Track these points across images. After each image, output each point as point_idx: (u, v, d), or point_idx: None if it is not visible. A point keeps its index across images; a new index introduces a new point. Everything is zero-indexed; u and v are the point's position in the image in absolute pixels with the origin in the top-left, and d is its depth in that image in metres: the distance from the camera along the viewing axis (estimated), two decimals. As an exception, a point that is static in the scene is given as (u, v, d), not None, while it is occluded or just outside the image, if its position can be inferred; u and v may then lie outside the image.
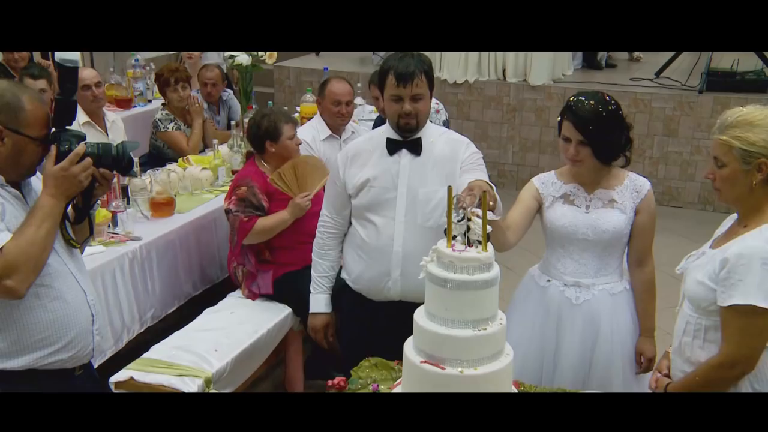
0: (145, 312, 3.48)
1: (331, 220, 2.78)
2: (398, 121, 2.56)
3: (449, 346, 1.89)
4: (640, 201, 2.51)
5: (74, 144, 2.04)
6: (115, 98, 5.70)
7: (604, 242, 2.51)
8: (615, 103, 2.46)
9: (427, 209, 2.60)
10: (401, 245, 2.61)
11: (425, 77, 2.52)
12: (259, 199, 3.43)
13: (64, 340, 2.10)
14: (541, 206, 2.60)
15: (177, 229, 3.68)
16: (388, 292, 2.67)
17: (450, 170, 2.61)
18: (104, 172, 2.10)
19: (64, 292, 2.10)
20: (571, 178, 2.57)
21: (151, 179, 3.88)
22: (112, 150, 2.10)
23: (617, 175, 2.55)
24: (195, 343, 3.16)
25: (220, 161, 4.28)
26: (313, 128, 4.04)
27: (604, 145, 2.43)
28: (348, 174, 2.67)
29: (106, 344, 3.23)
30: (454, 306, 1.89)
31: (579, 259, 2.54)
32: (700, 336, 2.06)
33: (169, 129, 4.74)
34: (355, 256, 2.73)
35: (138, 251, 3.42)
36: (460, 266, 1.89)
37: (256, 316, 3.42)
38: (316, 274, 2.86)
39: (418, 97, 2.53)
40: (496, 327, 1.92)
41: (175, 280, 3.68)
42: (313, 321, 2.90)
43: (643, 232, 2.53)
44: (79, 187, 2.05)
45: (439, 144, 2.64)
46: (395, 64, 2.51)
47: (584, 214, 2.52)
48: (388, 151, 2.62)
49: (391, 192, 2.61)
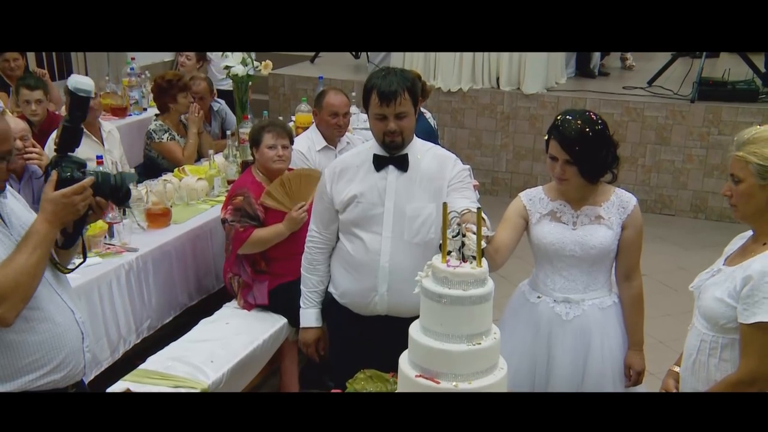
0: (141, 323, 3.50)
1: (318, 235, 2.80)
2: (384, 138, 2.59)
3: (444, 360, 1.92)
4: (627, 216, 2.54)
5: (75, 171, 2.03)
6: (110, 107, 5.70)
7: (592, 258, 2.54)
8: (602, 122, 2.49)
9: (414, 225, 2.63)
10: (388, 260, 2.64)
11: (408, 94, 2.54)
12: (254, 209, 3.46)
13: (55, 361, 2.08)
14: (528, 223, 2.62)
15: (173, 240, 3.69)
16: (374, 306, 2.70)
17: (437, 187, 2.64)
18: (100, 202, 2.08)
19: (53, 313, 2.08)
20: (558, 195, 2.60)
21: (147, 190, 3.89)
22: (111, 180, 2.09)
23: (604, 191, 2.58)
24: (191, 354, 3.18)
25: (215, 171, 4.30)
26: (308, 139, 4.07)
27: (590, 164, 2.46)
28: (335, 189, 2.70)
29: (102, 355, 3.25)
30: (448, 321, 1.92)
31: (567, 275, 2.57)
32: (716, 354, 2.07)
33: (164, 140, 4.75)
34: (342, 270, 2.76)
35: (134, 262, 3.43)
36: (455, 281, 1.92)
37: (252, 327, 3.44)
38: (306, 289, 2.88)
39: (402, 114, 2.56)
40: (490, 341, 1.95)
41: (171, 290, 3.70)
42: (304, 336, 2.93)
43: (629, 248, 2.56)
44: (75, 215, 2.04)
45: (425, 160, 2.66)
46: (378, 83, 2.53)
47: (571, 231, 2.55)
48: (374, 167, 2.65)
49: (378, 208, 2.64)
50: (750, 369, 1.98)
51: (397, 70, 2.58)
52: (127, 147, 4.95)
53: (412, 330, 2.02)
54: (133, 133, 5.42)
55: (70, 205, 2.00)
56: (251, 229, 3.44)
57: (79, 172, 2.04)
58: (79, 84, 2.06)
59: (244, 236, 3.43)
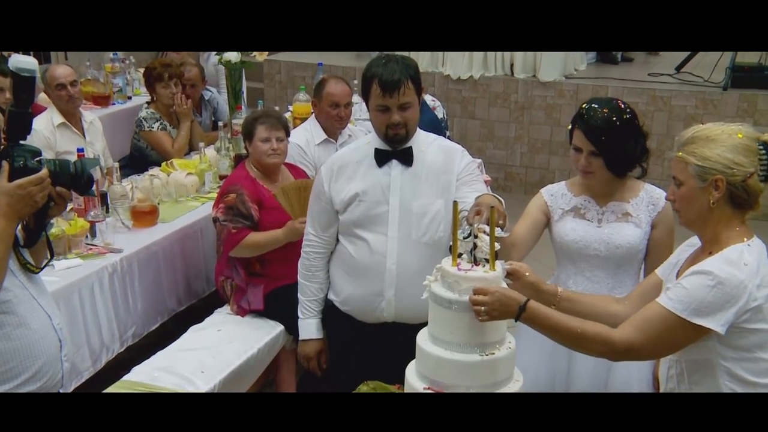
0: (125, 330, 3.50)
1: (317, 239, 2.79)
2: (386, 131, 2.58)
3: (454, 371, 1.92)
4: (657, 214, 2.53)
5: (29, 160, 2.00)
6: (91, 95, 5.69)
7: (618, 258, 2.53)
8: (631, 111, 2.49)
9: (422, 223, 2.63)
10: (395, 263, 2.63)
11: (412, 83, 2.54)
12: (248, 207, 3.46)
13: (31, 370, 2.07)
14: (550, 220, 2.62)
15: (160, 240, 3.69)
16: (381, 313, 2.69)
17: (445, 181, 2.64)
18: (61, 191, 2.06)
19: (28, 318, 2.07)
20: (582, 190, 2.60)
21: (133, 186, 3.89)
22: (70, 167, 2.07)
23: (632, 186, 2.57)
24: (179, 363, 3.18)
25: (206, 166, 4.30)
26: (307, 132, 4.06)
27: (617, 156, 2.46)
28: (334, 188, 2.69)
29: (82, 365, 3.25)
30: (459, 329, 1.93)
31: (591, 276, 2.57)
32: (684, 380, 2.02)
33: (154, 129, 4.76)
34: (343, 275, 2.75)
35: (118, 264, 3.44)
36: (467, 286, 1.92)
37: (246, 334, 3.44)
38: (305, 298, 2.87)
39: (407, 105, 2.55)
40: (504, 351, 1.96)
41: (159, 295, 3.70)
42: (304, 349, 2.92)
43: (660, 248, 2.54)
44: (33, 207, 2.01)
45: (431, 152, 2.66)
46: (379, 72, 2.52)
47: (596, 229, 2.55)
48: (377, 162, 2.64)
49: (382, 206, 2.63)
50: (631, 340, 1.92)
51: (398, 57, 2.57)
52: (110, 139, 4.96)
53: (419, 339, 2.02)
54: (117, 124, 5.41)
55: (27, 196, 1.97)
56: (245, 232, 3.44)
57: (33, 161, 2.00)
58: (20, 64, 1.98)
59: (236, 238, 3.43)
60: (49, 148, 4.29)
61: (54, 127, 4.40)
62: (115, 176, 3.91)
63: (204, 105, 5.37)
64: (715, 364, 1.94)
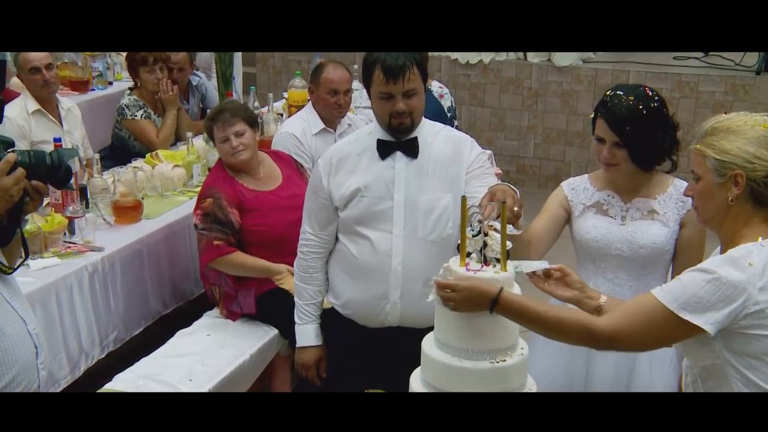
0: (107, 334, 3.51)
1: (315, 238, 2.79)
2: (390, 121, 2.59)
3: (462, 379, 1.94)
4: (686, 212, 2.51)
5: (1, 151, 1.99)
6: (69, 80, 5.71)
7: (642, 259, 2.53)
8: (659, 99, 2.48)
9: (429, 220, 2.63)
10: (400, 262, 2.63)
11: (417, 69, 2.54)
12: (226, 213, 3.42)
13: (5, 379, 2.07)
14: (570, 216, 2.63)
15: (144, 238, 3.70)
16: (385, 317, 2.70)
17: (454, 174, 2.65)
18: (37, 185, 2.04)
19: (1, 323, 2.07)
20: (605, 185, 2.60)
21: (115, 179, 3.91)
22: (46, 159, 2.05)
23: (660, 181, 2.57)
24: (165, 371, 3.20)
25: (194, 157, 4.31)
26: (303, 120, 4.06)
27: (643, 148, 2.45)
28: (333, 183, 2.69)
29: (60, 373, 3.27)
30: (467, 334, 1.94)
31: (613, 278, 2.57)
32: (699, 388, 2.03)
33: (137, 117, 4.77)
34: (344, 276, 2.75)
35: (99, 264, 3.45)
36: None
37: (237, 339, 3.46)
38: (302, 301, 2.88)
39: (412, 92, 2.55)
40: (516, 358, 1.97)
41: (143, 297, 3.71)
42: (302, 356, 2.92)
43: (689, 249, 2.54)
44: (8, 203, 1.99)
45: (437, 143, 2.67)
46: (382, 57, 2.52)
47: (619, 227, 2.55)
48: (379, 154, 2.65)
49: (386, 201, 2.63)
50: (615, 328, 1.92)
51: None
52: (90, 127, 4.96)
53: (425, 344, 2.03)
54: (97, 111, 5.43)
55: (1, 190, 1.96)
56: (229, 249, 3.41)
57: (4, 153, 1.99)
58: None
59: (217, 253, 3.41)
60: (24, 137, 4.30)
61: (28, 115, 4.40)
62: (96, 168, 3.91)
63: (192, 91, 5.37)
64: (726, 371, 1.94)
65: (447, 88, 4.74)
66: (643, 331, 1.92)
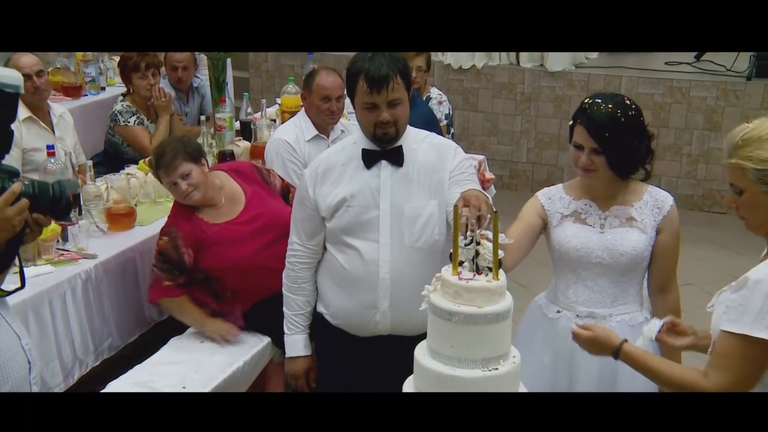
0: (101, 342, 3.52)
1: (302, 248, 2.80)
2: (375, 131, 2.60)
3: (455, 387, 1.94)
4: (662, 218, 2.58)
5: (7, 181, 1.98)
6: (61, 85, 5.70)
7: (622, 266, 2.57)
8: (636, 108, 2.53)
9: (416, 227, 2.65)
10: (388, 271, 2.65)
11: (401, 78, 2.56)
12: (180, 253, 3.34)
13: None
14: (548, 225, 2.66)
15: (138, 245, 3.71)
16: (375, 326, 2.71)
17: (438, 180, 2.66)
18: (38, 218, 2.04)
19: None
20: (582, 193, 2.64)
21: (108, 185, 3.91)
22: (50, 190, 2.04)
23: (636, 189, 2.62)
24: (159, 378, 3.20)
25: (187, 164, 4.31)
26: (296, 127, 4.06)
27: (621, 155, 2.50)
28: (319, 193, 2.70)
29: (53, 381, 3.27)
30: (460, 342, 1.95)
31: (593, 286, 2.61)
32: None
33: (130, 123, 4.78)
34: (333, 286, 2.76)
35: (92, 271, 3.45)
36: (468, 297, 1.94)
37: (231, 347, 3.45)
38: (290, 312, 2.89)
39: (396, 102, 2.57)
40: (508, 366, 1.98)
41: (137, 304, 3.72)
42: (291, 366, 2.94)
43: (666, 254, 2.60)
44: (10, 233, 1.98)
45: (422, 151, 2.69)
46: (365, 66, 2.53)
47: (599, 235, 2.59)
48: (365, 163, 2.66)
49: (372, 210, 2.65)
50: (722, 385, 1.99)
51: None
52: (83, 134, 4.96)
53: (418, 352, 2.05)
54: (90, 117, 5.41)
55: (3, 220, 1.95)
56: (176, 292, 3.38)
57: (10, 182, 1.98)
58: (3, 79, 1.96)
59: (164, 293, 3.38)
60: (15, 145, 4.22)
61: (19, 122, 4.35)
62: (89, 175, 3.91)
63: (192, 93, 5.36)
64: None
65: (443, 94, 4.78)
66: (743, 373, 1.98)
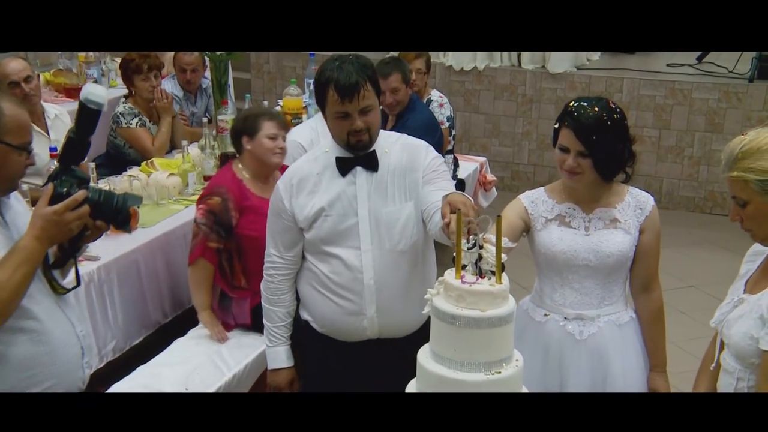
0: (105, 344, 3.53)
1: (281, 260, 2.78)
2: (348, 139, 2.59)
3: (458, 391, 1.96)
4: (645, 219, 2.62)
5: (74, 188, 2.14)
6: (64, 87, 5.73)
7: (608, 268, 2.61)
8: (621, 111, 2.57)
9: (395, 231, 2.65)
10: (372, 277, 2.64)
11: (371, 84, 2.55)
12: (230, 217, 3.44)
13: (52, 379, 2.20)
14: (531, 229, 2.68)
15: (141, 247, 3.73)
16: (363, 332, 2.70)
17: (411, 181, 2.67)
18: (100, 224, 2.22)
19: (51, 325, 2.20)
20: (565, 197, 2.66)
21: (110, 187, 3.91)
22: (114, 200, 2.22)
23: (618, 191, 2.65)
24: (161, 380, 3.23)
25: (190, 166, 4.33)
26: (312, 130, 3.95)
27: (606, 157, 2.52)
28: (296, 204, 2.68)
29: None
30: (463, 346, 1.96)
31: (580, 288, 2.63)
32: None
33: (132, 125, 4.79)
34: (317, 295, 2.74)
35: (95, 273, 3.47)
36: (471, 300, 1.95)
37: (233, 349, 3.48)
38: (271, 324, 2.87)
39: (368, 109, 2.56)
40: (511, 370, 1.99)
41: (141, 306, 3.73)
42: (275, 378, 2.92)
43: (648, 254, 2.64)
44: (67, 235, 2.16)
45: (394, 153, 2.69)
46: (334, 76, 2.52)
47: (584, 237, 2.61)
48: (339, 171, 2.65)
49: (350, 218, 2.64)
50: None
51: (352, 57, 2.57)
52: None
53: (420, 356, 2.05)
54: (92, 119, 5.43)
55: (61, 223, 2.11)
56: (213, 258, 3.47)
57: (77, 189, 2.14)
58: (90, 95, 2.17)
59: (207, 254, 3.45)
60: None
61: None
62: (91, 177, 3.93)
63: (200, 94, 5.37)
64: None
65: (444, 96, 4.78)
66: None
